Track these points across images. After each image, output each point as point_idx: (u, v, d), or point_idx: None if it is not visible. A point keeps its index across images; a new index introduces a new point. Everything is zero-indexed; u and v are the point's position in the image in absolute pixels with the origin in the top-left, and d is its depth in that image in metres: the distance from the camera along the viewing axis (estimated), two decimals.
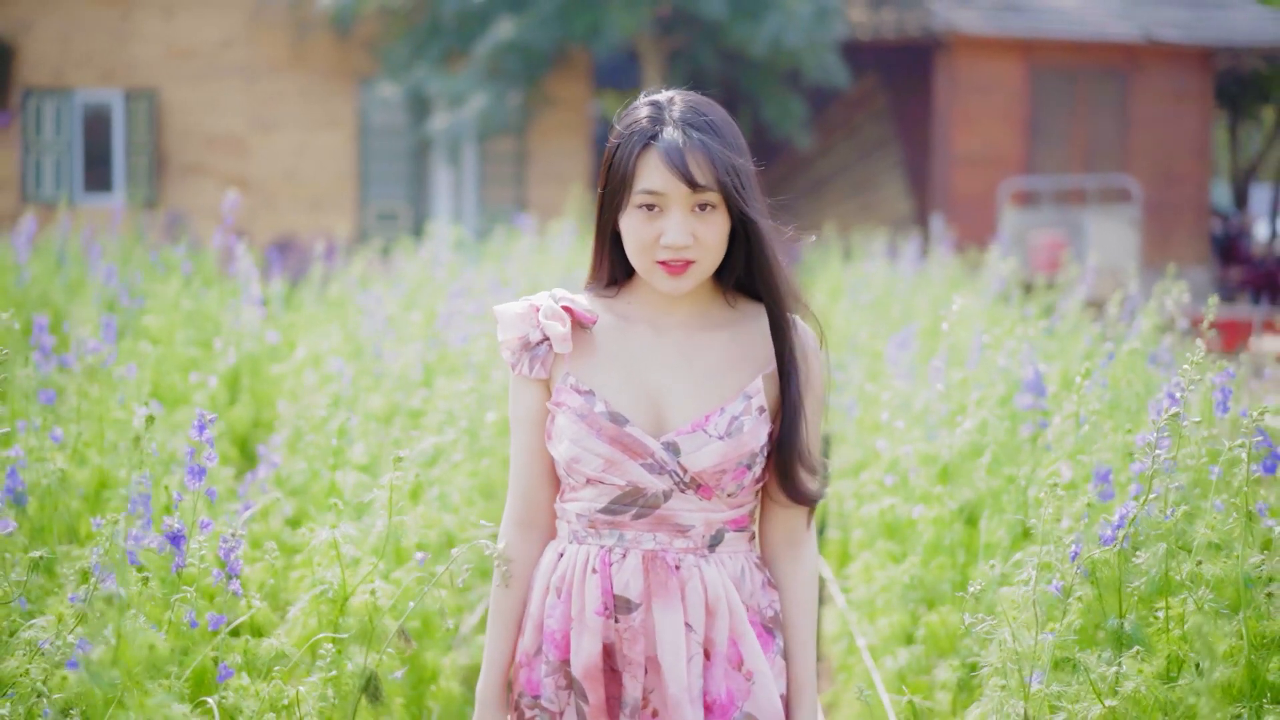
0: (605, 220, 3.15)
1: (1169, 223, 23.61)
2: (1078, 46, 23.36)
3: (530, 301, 3.19)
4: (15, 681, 2.97)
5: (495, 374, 5.33)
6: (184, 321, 6.66)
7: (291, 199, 23.04)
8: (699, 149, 3.02)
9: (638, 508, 3.10)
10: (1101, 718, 3.15)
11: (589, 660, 3.09)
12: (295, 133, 23.07)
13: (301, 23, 22.40)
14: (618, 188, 3.08)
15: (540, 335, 3.15)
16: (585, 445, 3.08)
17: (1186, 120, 23.99)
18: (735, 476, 3.10)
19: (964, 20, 22.66)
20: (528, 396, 3.19)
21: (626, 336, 3.17)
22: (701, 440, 3.07)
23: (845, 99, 24.74)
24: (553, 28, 20.27)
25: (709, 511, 3.12)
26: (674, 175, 3.00)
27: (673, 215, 3.02)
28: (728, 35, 20.38)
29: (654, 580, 3.08)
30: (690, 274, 3.06)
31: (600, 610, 3.10)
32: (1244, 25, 24.02)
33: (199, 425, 3.36)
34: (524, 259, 9.84)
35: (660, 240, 3.03)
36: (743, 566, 3.17)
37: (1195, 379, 3.64)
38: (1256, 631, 3.34)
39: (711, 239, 3.05)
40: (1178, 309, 6.34)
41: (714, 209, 3.04)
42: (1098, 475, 4.09)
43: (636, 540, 3.11)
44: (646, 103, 3.13)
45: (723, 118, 3.12)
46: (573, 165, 23.39)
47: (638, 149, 3.05)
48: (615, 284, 3.23)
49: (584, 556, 3.13)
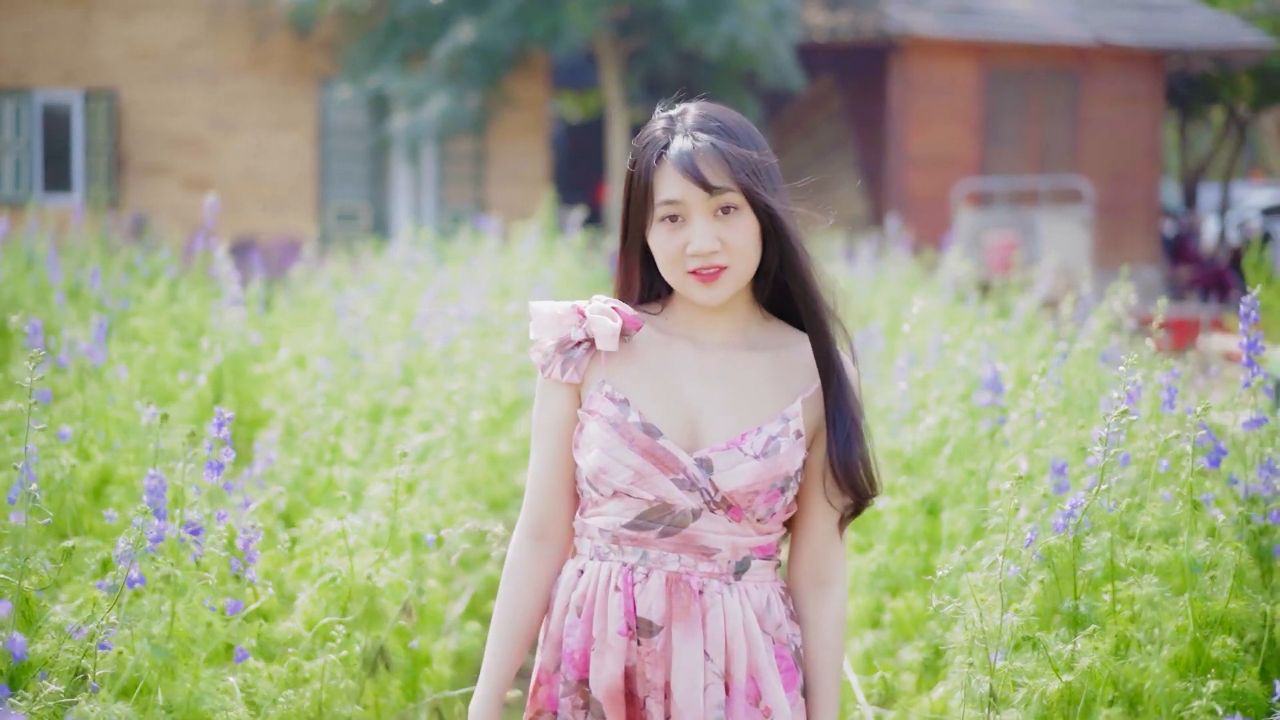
0: (632, 238, 3.11)
1: (1120, 222, 23.97)
2: (1030, 49, 23.70)
3: (572, 303, 3.12)
4: (50, 662, 3.18)
5: (480, 374, 5.55)
6: (170, 323, 6.86)
7: (252, 199, 23.15)
8: (709, 151, 2.98)
9: (664, 525, 3.02)
10: (1059, 692, 3.41)
11: (611, 682, 3.02)
12: (255, 133, 23.18)
13: (261, 24, 22.51)
14: (640, 205, 3.05)
15: (581, 335, 3.08)
16: (615, 455, 3.01)
17: (1137, 121, 24.37)
18: (768, 499, 3.02)
19: (918, 23, 22.96)
20: (555, 401, 3.12)
21: (666, 350, 3.11)
22: (736, 458, 3.01)
23: (801, 100, 25.00)
24: (512, 29, 20.44)
25: (736, 535, 3.04)
26: (688, 180, 2.97)
27: (695, 223, 2.98)
28: (685, 36, 20.58)
29: (676, 604, 3.01)
30: (723, 281, 3.01)
31: (623, 630, 3.02)
32: (1193, 28, 24.41)
33: (218, 423, 3.58)
34: (490, 261, 10.04)
35: (687, 249, 2.99)
36: (768, 597, 3.09)
37: (1139, 379, 3.91)
38: (1201, 612, 3.60)
39: (739, 241, 3.00)
40: (1125, 309, 6.63)
41: (737, 210, 2.99)
42: (1054, 468, 4.35)
43: (660, 560, 3.03)
44: (661, 117, 3.11)
45: (736, 120, 3.07)
46: (532, 166, 23.57)
47: (653, 162, 3.03)
48: (651, 300, 3.18)
49: (605, 574, 3.05)
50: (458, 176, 23.52)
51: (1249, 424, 4.33)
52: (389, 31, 21.73)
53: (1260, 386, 4.38)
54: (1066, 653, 3.46)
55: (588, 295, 10.93)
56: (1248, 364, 4.38)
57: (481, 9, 20.64)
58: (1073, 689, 3.42)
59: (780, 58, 21.03)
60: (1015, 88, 23.85)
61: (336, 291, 8.27)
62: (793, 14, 21.20)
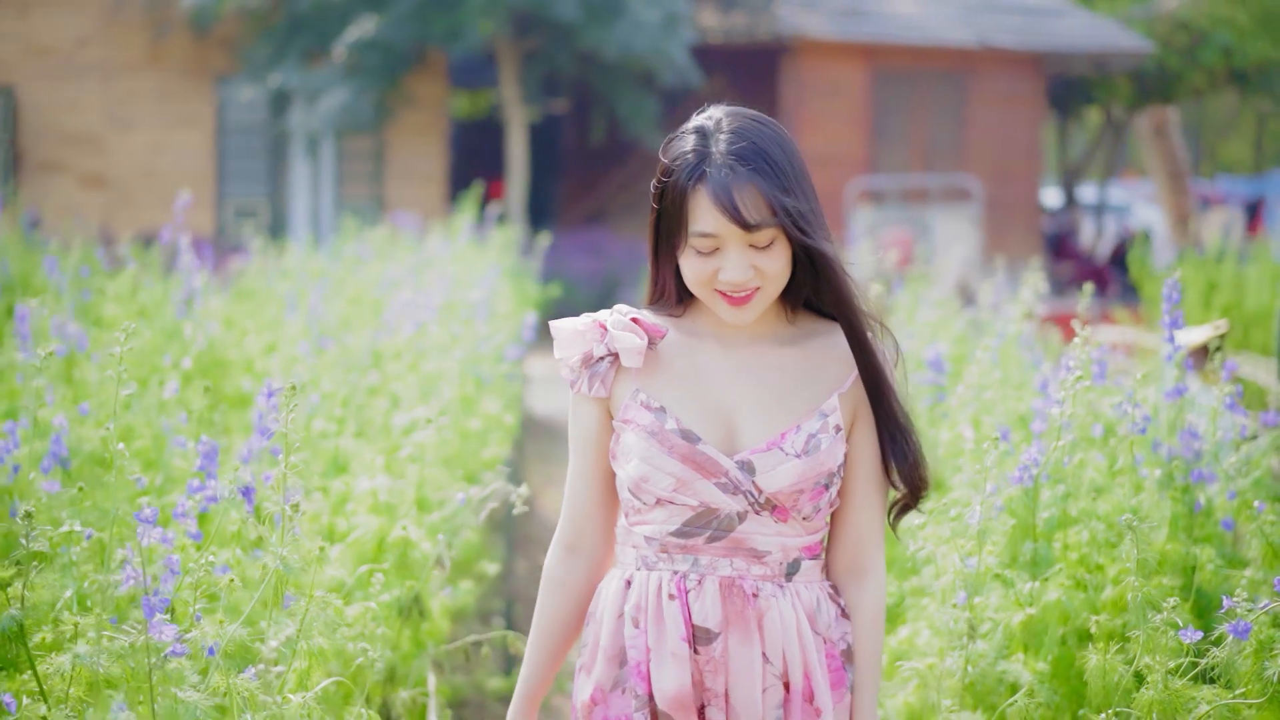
0: (664, 250, 3.06)
1: (1004, 220, 24.71)
2: (918, 51, 24.38)
3: (592, 317, 3.11)
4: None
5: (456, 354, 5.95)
6: (139, 313, 7.18)
7: (150, 196, 23.20)
8: (748, 186, 2.90)
9: (711, 530, 3.01)
10: (1022, 624, 3.88)
11: (678, 691, 3.00)
12: (153, 131, 23.25)
13: (159, 22, 22.57)
14: (672, 225, 2.99)
15: (605, 350, 3.07)
16: (655, 464, 2.99)
17: (1019, 122, 25.16)
18: (812, 497, 3.01)
19: (810, 25, 23.54)
20: (586, 416, 3.12)
21: (694, 352, 3.08)
22: (778, 458, 2.99)
23: (696, 99, 25.09)
24: (411, 27, 20.63)
25: (785, 536, 3.02)
26: (725, 218, 2.90)
27: (730, 254, 2.94)
28: (581, 39, 20.90)
29: (731, 609, 3.00)
30: (754, 304, 2.99)
31: (685, 638, 3.00)
32: (1072, 32, 25.23)
33: (267, 392, 3.96)
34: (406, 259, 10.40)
35: (719, 275, 2.95)
36: (818, 597, 3.09)
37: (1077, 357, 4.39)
38: (1141, 555, 4.09)
39: (773, 269, 2.96)
40: (1037, 298, 7.15)
41: (773, 241, 2.95)
42: (1000, 435, 4.83)
43: (712, 566, 3.01)
44: (693, 130, 3.01)
45: (773, 139, 2.97)
46: (429, 164, 23.85)
47: (687, 187, 2.94)
48: (679, 302, 3.14)
49: (656, 583, 3.03)
50: (356, 174, 23.75)
51: (1170, 393, 4.84)
52: (289, 29, 21.86)
53: (1181, 360, 4.89)
54: (1026, 591, 3.93)
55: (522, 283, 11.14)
56: (1169, 339, 4.89)
57: (381, 6, 20.85)
58: (1034, 621, 3.89)
59: (675, 60, 21.42)
60: (903, 89, 24.53)
61: (287, 283, 8.62)
62: (686, 18, 21.59)
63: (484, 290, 7.67)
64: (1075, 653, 3.99)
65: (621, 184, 26.68)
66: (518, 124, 22.42)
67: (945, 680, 3.77)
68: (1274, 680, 3.21)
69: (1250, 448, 4.71)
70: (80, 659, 2.61)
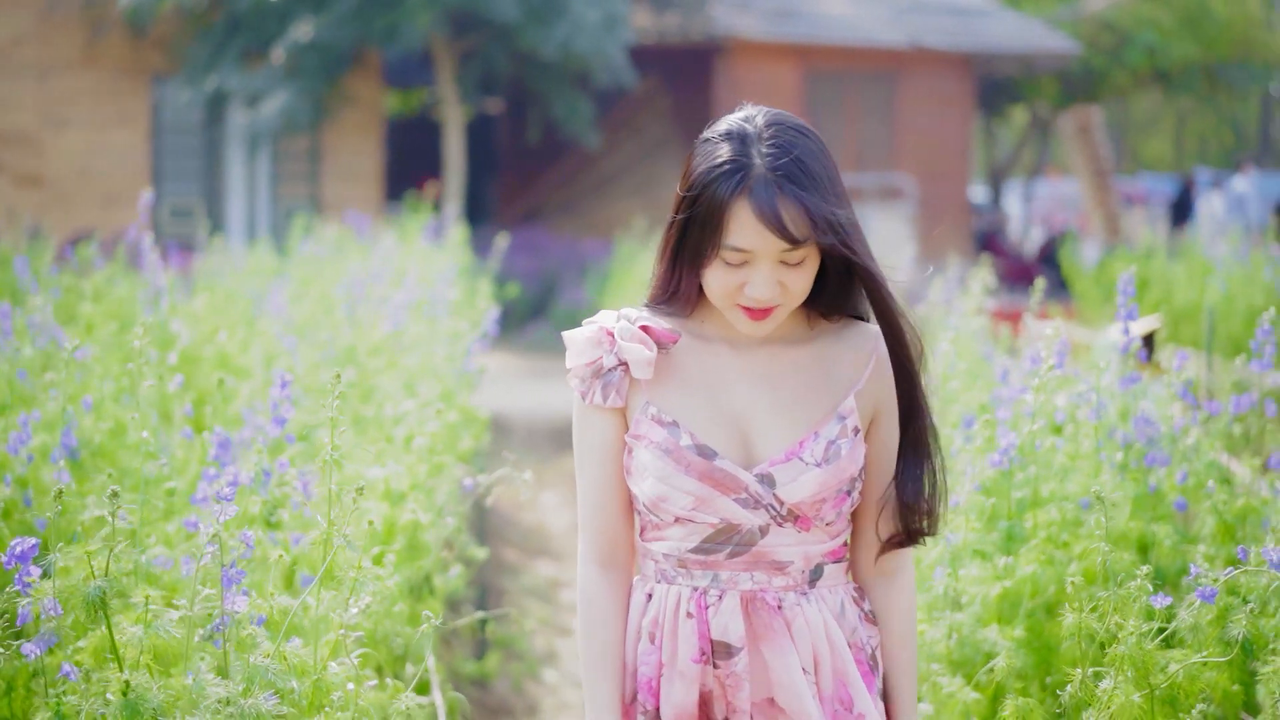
0: (684, 254, 2.92)
1: (934, 218, 25.08)
2: (849, 52, 24.75)
3: (599, 324, 2.98)
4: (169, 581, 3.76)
5: (439, 349, 6.15)
6: (112, 311, 7.35)
7: (85, 196, 23.20)
8: (795, 203, 2.80)
9: (732, 546, 2.92)
10: (999, 595, 4.15)
11: (681, 710, 2.93)
12: (88, 130, 23.25)
13: (96, 21, 22.57)
14: (702, 233, 2.86)
15: (615, 361, 2.94)
16: (672, 483, 2.89)
17: (949, 122, 25.58)
18: (835, 504, 2.94)
19: (743, 26, 23.85)
20: (602, 426, 2.98)
21: (705, 357, 2.98)
22: (798, 469, 2.90)
23: (630, 99, 25.70)
24: (350, 27, 20.74)
25: (808, 544, 2.94)
26: (770, 233, 2.79)
27: (760, 269, 2.83)
28: (519, 39, 21.05)
29: (757, 623, 2.92)
30: (773, 318, 2.90)
31: (696, 657, 2.92)
32: (1001, 33, 25.68)
33: (281, 383, 4.17)
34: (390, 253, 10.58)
35: (745, 290, 2.85)
36: (842, 601, 3.00)
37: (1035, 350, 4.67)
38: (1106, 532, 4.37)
39: (798, 287, 2.86)
40: (986, 291, 7.45)
41: (805, 259, 2.85)
42: (964, 422, 5.10)
43: (733, 580, 2.92)
44: (733, 136, 2.88)
45: (814, 152, 2.86)
46: (366, 163, 23.97)
47: (726, 197, 2.82)
48: (688, 302, 3.01)
49: (675, 599, 2.95)
50: (293, 173, 23.84)
51: (1124, 381, 5.14)
52: (227, 29, 21.92)
53: (1136, 351, 5.20)
54: (1002, 565, 4.21)
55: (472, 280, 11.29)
56: (1124, 331, 5.19)
57: (320, 7, 20.95)
58: (1009, 593, 4.17)
59: (613, 60, 21.62)
60: (835, 89, 24.89)
61: (256, 281, 8.81)
62: (624, 19, 21.81)
63: (453, 288, 7.88)
64: (1044, 625, 4.27)
65: (558, 183, 26.88)
66: (455, 123, 22.57)
67: (934, 647, 4.05)
68: (1236, 640, 3.49)
69: (1197, 433, 5.01)
70: (153, 629, 2.83)
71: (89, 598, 2.77)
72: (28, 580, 2.93)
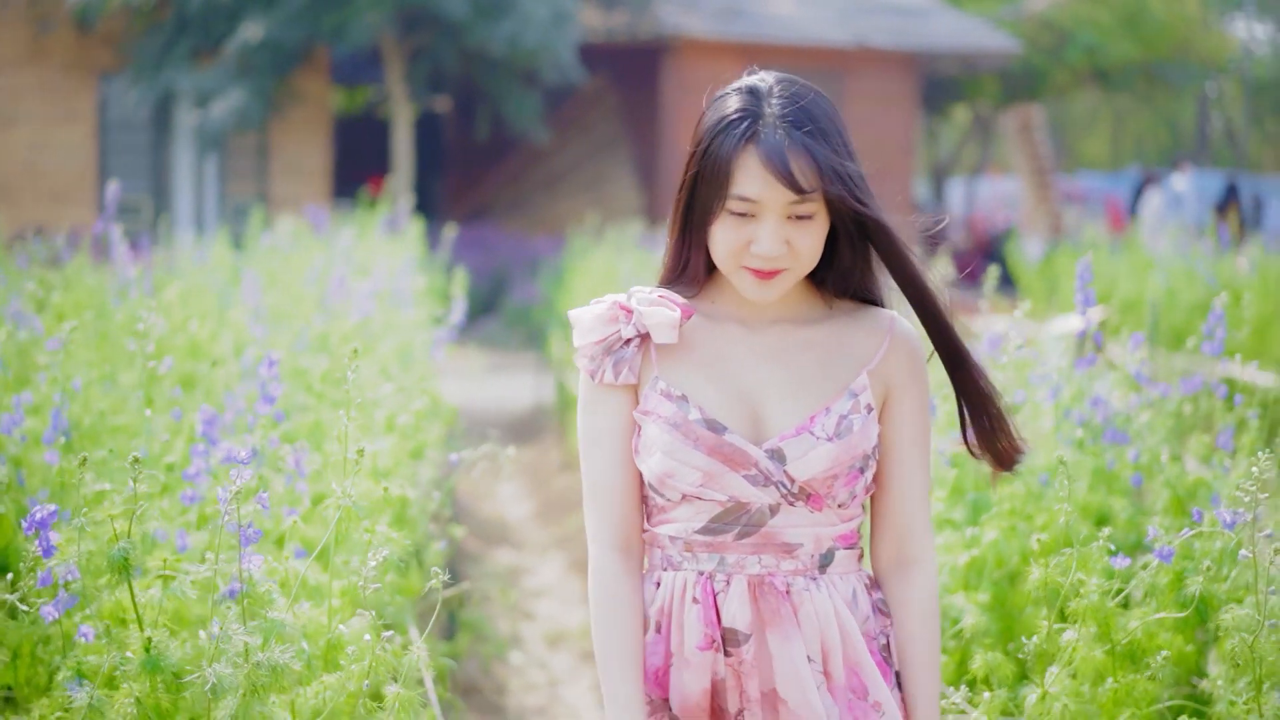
0: (697, 220, 2.85)
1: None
2: (796, 51, 25.00)
3: (611, 299, 2.88)
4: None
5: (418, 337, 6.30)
6: (86, 301, 7.46)
7: (32, 192, 23.20)
8: (803, 152, 2.74)
9: (741, 526, 2.82)
10: (967, 564, 4.35)
11: (689, 699, 2.85)
12: (34, 127, 23.24)
13: (42, 18, 22.56)
14: (710, 189, 2.79)
15: (632, 333, 2.84)
16: (680, 457, 2.79)
17: (894, 121, 25.88)
18: (847, 482, 2.83)
19: (690, 25, 24.06)
20: (613, 405, 2.88)
21: (716, 335, 2.90)
22: (809, 444, 2.80)
23: (579, 97, 25.87)
24: (300, 25, 20.79)
25: (820, 526, 2.83)
26: (777, 181, 2.72)
27: (766, 223, 2.75)
28: (468, 36, 21.15)
29: (764, 608, 2.81)
30: (779, 281, 2.81)
31: (704, 644, 2.83)
32: (943, 32, 26.01)
33: (269, 363, 4.32)
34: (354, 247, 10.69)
35: (751, 247, 2.77)
36: (854, 588, 2.88)
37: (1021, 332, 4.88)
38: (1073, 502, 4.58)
39: (806, 247, 2.78)
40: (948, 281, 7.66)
41: (814, 214, 2.78)
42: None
43: (740, 564, 2.82)
44: (744, 90, 2.84)
45: (825, 111, 2.82)
46: (313, 159, 24.06)
47: (733, 148, 2.76)
48: (696, 281, 2.94)
49: (681, 585, 2.85)
50: (240, 170, 23.90)
51: (1081, 362, 5.35)
52: (176, 27, 21.93)
53: (1092, 334, 5.40)
54: (969, 534, 4.41)
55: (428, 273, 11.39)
56: (1082, 314, 5.40)
57: (270, 5, 20.99)
58: (976, 560, 4.37)
59: (561, 57, 21.76)
60: None
61: (210, 275, 8.93)
62: (572, 16, 21.95)
63: (419, 278, 8.03)
64: (1008, 593, 4.47)
65: (505, 181, 27.01)
66: (403, 120, 22.67)
67: None
68: (1192, 598, 3.68)
69: (1150, 413, 5.22)
70: (170, 590, 2.98)
71: (113, 559, 2.90)
72: (51, 545, 3.06)
